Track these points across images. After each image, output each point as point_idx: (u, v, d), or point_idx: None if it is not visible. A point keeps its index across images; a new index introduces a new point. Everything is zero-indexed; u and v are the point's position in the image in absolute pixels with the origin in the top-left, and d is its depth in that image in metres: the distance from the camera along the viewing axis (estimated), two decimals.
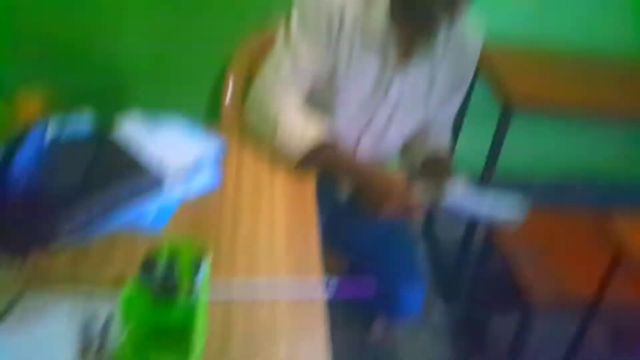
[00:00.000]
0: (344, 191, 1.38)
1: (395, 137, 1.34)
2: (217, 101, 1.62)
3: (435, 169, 1.30)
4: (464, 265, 1.95)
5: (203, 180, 1.06)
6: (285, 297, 0.87)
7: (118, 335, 0.70)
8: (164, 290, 0.70)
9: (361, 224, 1.36)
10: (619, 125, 2.18)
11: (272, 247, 0.96)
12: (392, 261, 1.34)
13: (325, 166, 1.15)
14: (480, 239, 1.86)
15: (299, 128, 1.14)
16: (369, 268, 1.36)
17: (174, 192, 1.02)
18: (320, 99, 1.23)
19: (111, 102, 1.98)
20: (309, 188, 1.11)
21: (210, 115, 2.06)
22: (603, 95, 1.73)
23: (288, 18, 1.17)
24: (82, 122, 1.10)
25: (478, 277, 1.84)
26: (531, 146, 2.27)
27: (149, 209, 0.97)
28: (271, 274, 0.90)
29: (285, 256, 0.94)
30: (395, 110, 1.26)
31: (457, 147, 2.02)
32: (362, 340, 1.81)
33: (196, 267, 0.70)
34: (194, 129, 1.17)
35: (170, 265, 0.70)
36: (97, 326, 0.76)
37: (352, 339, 1.74)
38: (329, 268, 0.94)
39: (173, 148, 1.10)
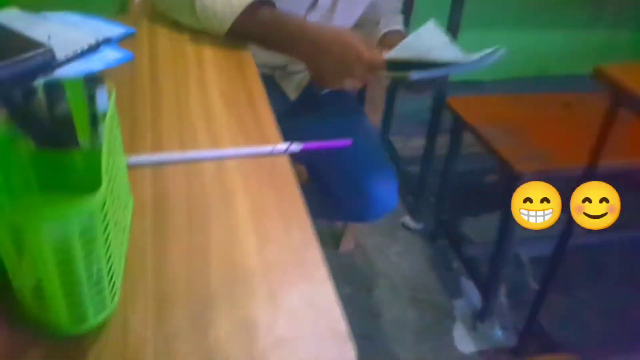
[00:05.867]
0: (293, 90, 1.18)
1: (342, 22, 1.15)
2: None
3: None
4: (430, 168, 1.80)
5: (107, 55, 0.83)
6: (236, 155, 0.66)
7: None
8: (52, 135, 0.47)
9: (316, 122, 1.17)
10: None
11: (209, 116, 0.73)
12: (356, 156, 1.13)
13: (263, 32, 0.92)
14: (444, 142, 1.70)
15: None
16: (331, 169, 1.17)
17: (72, 70, 0.78)
18: None
19: None
20: (245, 54, 0.89)
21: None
22: None
23: None
24: None
25: (446, 180, 1.69)
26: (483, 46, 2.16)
27: None
28: (213, 146, 0.68)
29: (228, 125, 0.72)
30: None
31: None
32: (333, 254, 1.67)
33: (91, 101, 0.47)
34: (89, 16, 0.94)
35: (55, 100, 0.47)
36: None
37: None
38: None
39: (66, 28, 0.88)
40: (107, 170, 0.41)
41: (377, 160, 1.21)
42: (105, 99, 0.46)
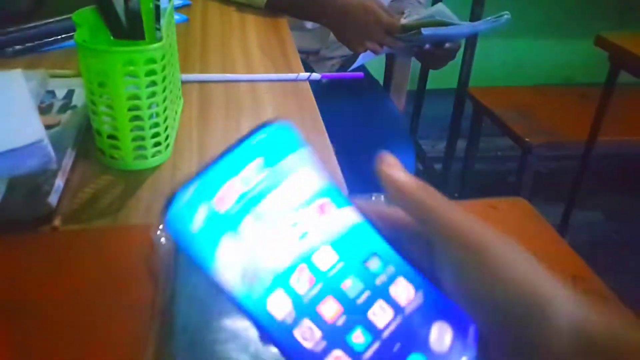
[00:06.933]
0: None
1: None
2: None
3: None
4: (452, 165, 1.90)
5: None
6: (267, 79, 0.81)
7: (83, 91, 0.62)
8: (125, 29, 0.63)
9: (345, 105, 1.31)
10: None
11: (247, 57, 0.89)
12: (380, 135, 1.27)
13: (296, 2, 1.08)
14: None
15: None
16: (357, 144, 1.30)
17: None
18: None
19: None
20: (282, 22, 1.05)
21: None
22: None
23: None
24: None
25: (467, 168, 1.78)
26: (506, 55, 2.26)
27: None
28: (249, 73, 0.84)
29: (262, 62, 0.88)
30: None
31: None
32: None
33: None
34: None
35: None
36: (60, 93, 0.68)
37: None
38: None
39: None
40: (166, 35, 0.56)
41: (399, 138, 1.33)
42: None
